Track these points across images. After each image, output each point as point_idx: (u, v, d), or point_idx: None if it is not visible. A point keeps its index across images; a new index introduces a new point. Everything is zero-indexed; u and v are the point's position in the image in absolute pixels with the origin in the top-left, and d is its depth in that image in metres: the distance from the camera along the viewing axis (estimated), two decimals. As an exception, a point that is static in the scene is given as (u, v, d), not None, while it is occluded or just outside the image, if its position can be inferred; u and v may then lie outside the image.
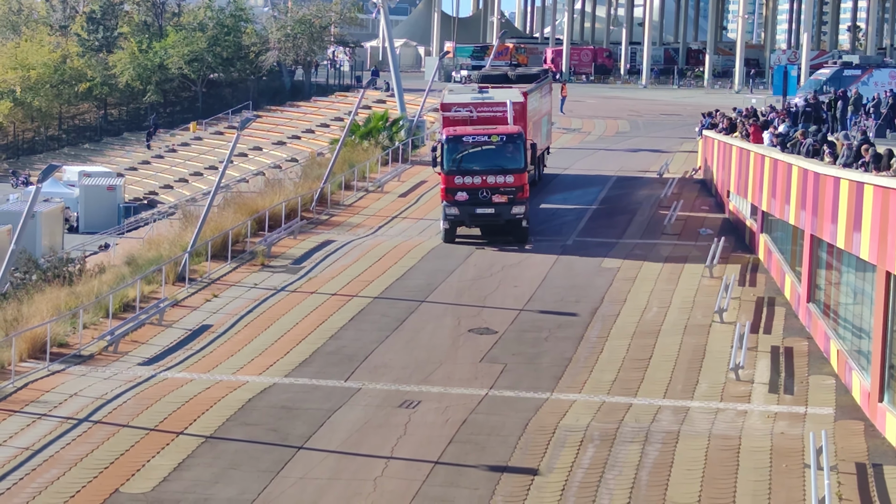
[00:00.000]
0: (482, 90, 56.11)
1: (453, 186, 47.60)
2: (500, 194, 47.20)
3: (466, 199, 47.42)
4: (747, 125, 50.45)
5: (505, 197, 47.22)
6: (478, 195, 47.38)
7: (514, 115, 51.98)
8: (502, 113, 52.03)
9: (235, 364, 35.11)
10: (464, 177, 47.49)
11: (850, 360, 32.84)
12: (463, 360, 35.29)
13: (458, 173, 47.66)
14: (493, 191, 47.21)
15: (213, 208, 49.81)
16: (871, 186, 30.32)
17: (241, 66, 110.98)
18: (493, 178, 47.28)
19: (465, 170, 47.67)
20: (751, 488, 26.28)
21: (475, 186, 47.39)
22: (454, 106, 52.76)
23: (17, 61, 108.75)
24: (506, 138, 48.02)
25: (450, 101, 53.31)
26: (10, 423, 30.34)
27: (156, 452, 28.37)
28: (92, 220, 79.66)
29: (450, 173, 47.81)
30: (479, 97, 53.64)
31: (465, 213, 47.86)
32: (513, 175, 47.44)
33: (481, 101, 53.01)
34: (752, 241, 48.43)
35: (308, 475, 27.10)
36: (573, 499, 25.85)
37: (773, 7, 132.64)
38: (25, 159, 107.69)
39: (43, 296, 41.07)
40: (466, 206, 47.62)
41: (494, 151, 47.89)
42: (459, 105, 52.51)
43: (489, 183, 47.25)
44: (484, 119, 51.65)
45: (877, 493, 25.97)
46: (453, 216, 48.06)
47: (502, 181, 47.24)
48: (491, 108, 52.59)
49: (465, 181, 47.41)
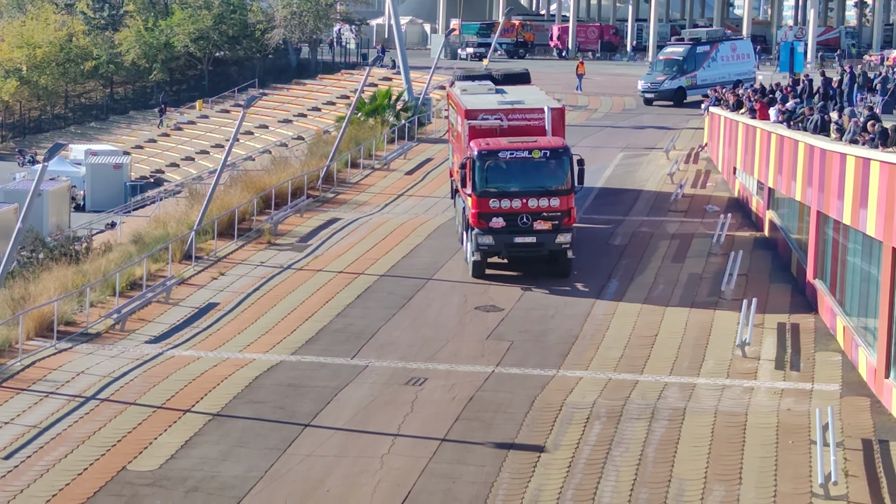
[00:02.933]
0: (499, 89, 48.63)
1: (487, 211, 39.58)
2: (542, 220, 39.41)
3: (503, 226, 39.47)
4: (754, 101, 50.38)
5: (549, 223, 39.44)
6: (516, 221, 39.52)
7: (551, 123, 42.87)
8: (538, 121, 43.01)
9: (242, 342, 35.15)
10: (500, 200, 39.60)
11: (856, 336, 32.85)
12: (469, 338, 35.32)
13: (493, 195, 39.70)
14: (535, 216, 39.38)
15: (220, 186, 49.82)
16: (877, 162, 30.29)
17: (246, 44, 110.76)
18: (535, 201, 39.49)
19: (502, 191, 39.75)
20: (757, 465, 26.32)
21: (513, 211, 39.50)
22: (481, 113, 43.27)
23: (22, 40, 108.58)
24: (550, 153, 39.93)
25: (476, 107, 43.89)
26: (18, 401, 30.41)
27: (163, 430, 28.44)
28: (98, 198, 79.60)
29: (483, 195, 39.74)
30: (509, 103, 44.71)
31: (500, 243, 39.79)
32: (558, 197, 39.62)
33: (512, 108, 43.86)
34: (759, 218, 48.38)
35: (315, 453, 27.16)
36: (580, 476, 25.90)
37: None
38: (31, 138, 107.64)
39: (50, 274, 41.10)
40: (502, 235, 39.60)
41: (536, 169, 39.80)
42: (488, 112, 43.28)
43: (530, 207, 39.42)
44: (517, 129, 42.68)
45: (883, 468, 26.01)
46: (486, 246, 39.87)
47: (546, 204, 39.47)
48: (524, 115, 43.47)
49: (502, 205, 39.54)
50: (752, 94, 53.24)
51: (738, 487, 25.22)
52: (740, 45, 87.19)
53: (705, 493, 24.97)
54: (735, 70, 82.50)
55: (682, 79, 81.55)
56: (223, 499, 24.87)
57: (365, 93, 72.31)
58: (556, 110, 43.63)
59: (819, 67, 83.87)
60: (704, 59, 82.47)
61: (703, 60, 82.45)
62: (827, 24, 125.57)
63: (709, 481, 25.55)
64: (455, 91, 48.89)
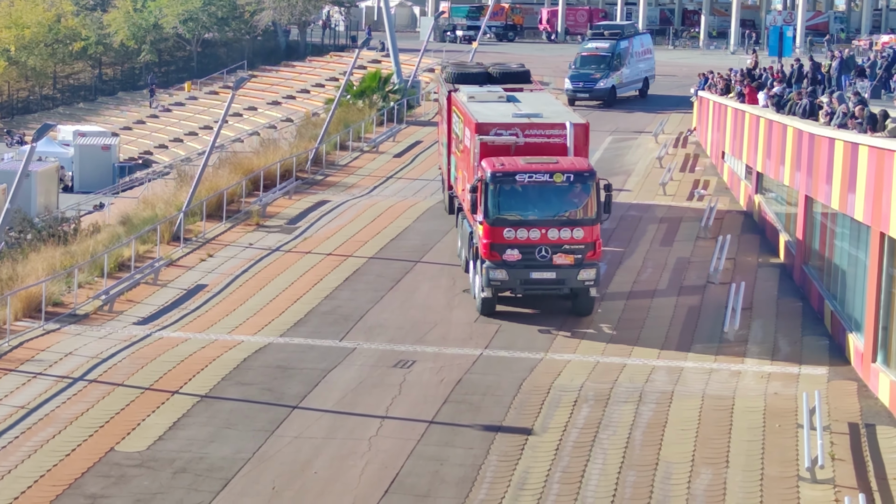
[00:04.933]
0: (510, 96, 42.81)
1: (501, 242, 34.03)
2: (563, 253, 33.91)
3: (518, 260, 34.03)
4: (743, 85, 50.38)
5: (570, 257, 33.97)
6: (534, 254, 34.04)
7: (574, 141, 36.87)
8: (559, 139, 36.88)
9: (231, 324, 35.13)
10: (515, 229, 34.03)
11: (843, 320, 32.91)
12: (458, 321, 35.33)
13: (508, 224, 34.10)
14: (555, 248, 33.89)
15: (208, 168, 49.72)
16: (865, 147, 30.32)
17: (235, 25, 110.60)
18: (556, 232, 33.98)
19: (518, 220, 34.19)
20: (744, 448, 26.38)
21: (531, 242, 34.03)
22: (494, 128, 37.22)
23: (11, 20, 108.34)
24: (574, 177, 34.22)
25: (488, 121, 37.87)
26: (6, 381, 30.37)
27: (151, 411, 28.42)
28: (87, 179, 79.45)
29: (496, 223, 34.08)
30: (526, 116, 38.66)
31: (515, 279, 34.29)
32: (582, 228, 34.07)
33: (529, 122, 37.89)
34: (747, 202, 48.41)
35: (303, 434, 27.16)
36: (567, 458, 25.93)
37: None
38: (20, 118, 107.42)
39: (38, 255, 41.02)
40: (518, 269, 34.12)
41: (557, 195, 34.31)
42: (502, 126, 37.29)
43: (550, 238, 33.95)
44: (534, 147, 36.64)
45: (869, 452, 26.08)
46: (499, 282, 34.38)
47: (568, 236, 33.94)
48: (543, 130, 37.30)
49: (518, 235, 34.03)
50: (741, 78, 53.25)
51: (725, 471, 25.27)
52: (645, 40, 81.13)
53: (692, 477, 25.02)
54: (645, 66, 78.63)
55: (613, 77, 74.07)
56: (211, 480, 24.86)
57: (354, 75, 72.19)
58: (579, 126, 37.34)
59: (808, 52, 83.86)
60: (626, 55, 75.81)
61: (625, 56, 75.72)
62: (816, 8, 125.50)
63: (696, 464, 25.60)
64: (461, 98, 42.51)
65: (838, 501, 23.51)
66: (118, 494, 24.30)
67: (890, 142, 28.78)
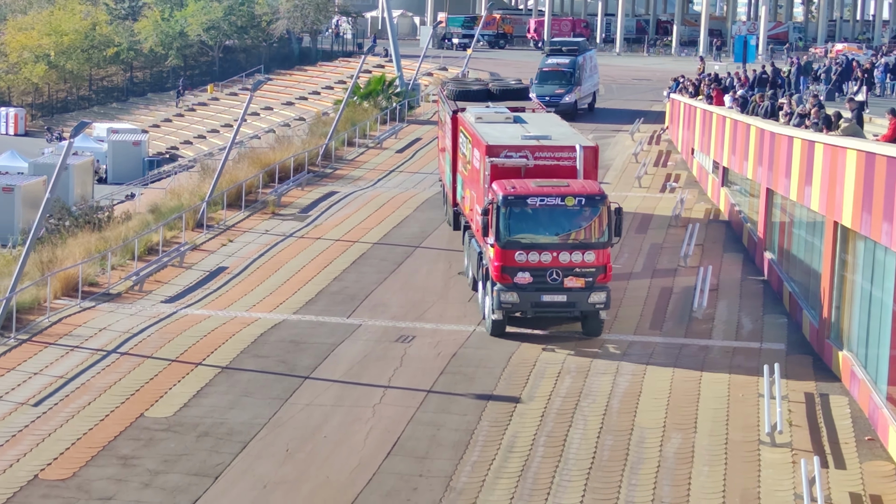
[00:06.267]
0: (517, 118, 39.23)
1: (512, 264, 30.96)
2: (574, 276, 30.95)
3: (529, 282, 30.97)
4: (710, 89, 50.33)
5: (581, 280, 30.97)
6: (545, 277, 31.00)
7: (583, 164, 33.61)
8: (569, 161, 33.56)
9: (248, 302, 35.11)
10: (527, 252, 30.93)
11: (800, 300, 32.92)
12: (453, 300, 35.31)
13: (520, 247, 30.96)
14: (566, 271, 30.91)
15: (229, 162, 49.68)
16: (821, 145, 30.29)
17: (253, 33, 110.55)
18: (567, 255, 30.93)
19: (529, 243, 31.03)
20: (710, 415, 26.39)
21: (542, 266, 30.97)
22: (505, 150, 33.71)
23: (51, 28, 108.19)
24: (585, 200, 31.04)
25: (498, 143, 34.25)
26: (46, 354, 30.37)
27: (177, 381, 28.42)
28: (119, 172, 79.39)
29: (507, 246, 30.95)
30: (535, 138, 35.07)
31: (526, 301, 31.23)
32: (593, 251, 30.97)
33: (539, 144, 34.33)
34: (714, 194, 48.39)
35: (314, 402, 27.17)
36: (551, 424, 25.94)
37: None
38: (59, 117, 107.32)
39: (75, 240, 41.03)
40: (529, 292, 31.05)
41: (569, 218, 31.09)
42: (512, 149, 33.79)
43: (561, 261, 30.89)
44: (544, 169, 33.32)
45: (823, 419, 26.10)
46: (510, 304, 31.23)
47: (579, 259, 30.93)
48: (553, 153, 33.91)
49: (529, 258, 30.97)
50: (708, 82, 53.19)
51: (693, 435, 25.29)
52: (593, 56, 75.70)
53: (664, 441, 25.03)
54: (594, 81, 73.95)
55: (575, 91, 68.28)
56: (231, 443, 24.87)
57: (360, 78, 72.04)
58: (588, 149, 34.07)
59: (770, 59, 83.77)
60: (582, 70, 69.92)
61: (583, 71, 69.95)
62: (777, 19, 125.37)
63: (667, 430, 25.61)
64: (468, 118, 38.79)
65: (795, 463, 23.53)
66: (147, 455, 24.31)
67: (843, 140, 28.75)
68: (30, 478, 23.32)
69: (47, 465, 23.88)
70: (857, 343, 27.82)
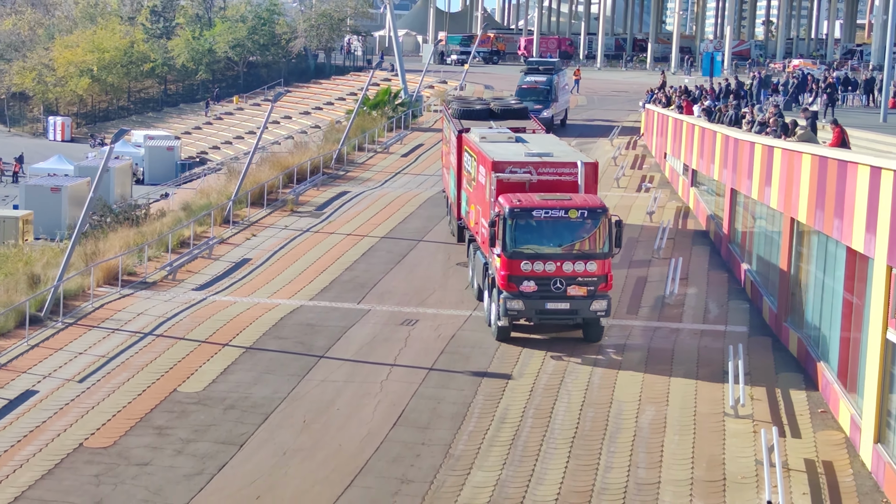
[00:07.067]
0: (518, 137, 37.39)
1: (518, 274, 29.36)
2: (577, 285, 29.34)
3: (534, 291, 29.33)
4: (681, 100, 50.31)
5: (584, 289, 29.34)
6: (549, 286, 29.36)
7: (584, 179, 31.95)
8: (570, 176, 31.94)
9: (270, 290, 35.10)
10: (532, 262, 29.30)
11: (761, 288, 32.92)
12: (452, 288, 35.30)
13: (525, 257, 29.33)
14: (570, 280, 29.32)
15: (252, 165, 49.65)
16: (779, 150, 30.29)
17: (274, 50, 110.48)
18: (570, 265, 29.36)
19: (534, 253, 29.40)
20: (680, 390, 26.39)
21: (546, 275, 29.35)
22: (509, 166, 32.07)
23: (94, 46, 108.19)
24: (587, 213, 29.58)
25: (503, 159, 32.48)
26: (90, 336, 30.37)
27: (206, 360, 28.42)
28: (155, 173, 79.46)
29: (513, 256, 29.37)
30: (537, 155, 33.33)
31: (531, 309, 29.57)
32: (595, 261, 29.37)
33: (542, 161, 32.66)
34: (684, 193, 48.39)
35: (328, 378, 27.17)
36: (539, 398, 25.94)
37: (702, 5, 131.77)
38: (101, 125, 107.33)
39: (115, 234, 41.03)
40: (533, 300, 29.43)
41: (572, 229, 29.53)
42: (516, 165, 32.12)
43: (565, 271, 29.32)
44: (546, 184, 31.76)
45: (780, 393, 26.12)
46: (516, 312, 29.64)
47: (581, 269, 29.35)
48: (555, 169, 32.22)
49: (534, 268, 29.34)
50: (678, 94, 53.16)
51: (665, 408, 25.28)
52: (565, 75, 73.36)
53: (639, 413, 25.03)
54: (566, 98, 71.46)
55: (552, 107, 65.24)
56: (254, 415, 24.87)
57: (369, 90, 72.01)
58: (589, 165, 32.36)
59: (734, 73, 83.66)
60: (557, 87, 67.45)
61: (558, 89, 67.43)
62: (740, 37, 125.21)
63: (642, 403, 25.61)
64: (473, 138, 37.12)
65: (756, 433, 23.54)
66: (180, 426, 24.32)
67: (798, 145, 28.75)
68: (75, 445, 23.34)
69: (91, 434, 23.90)
70: (811, 326, 27.83)
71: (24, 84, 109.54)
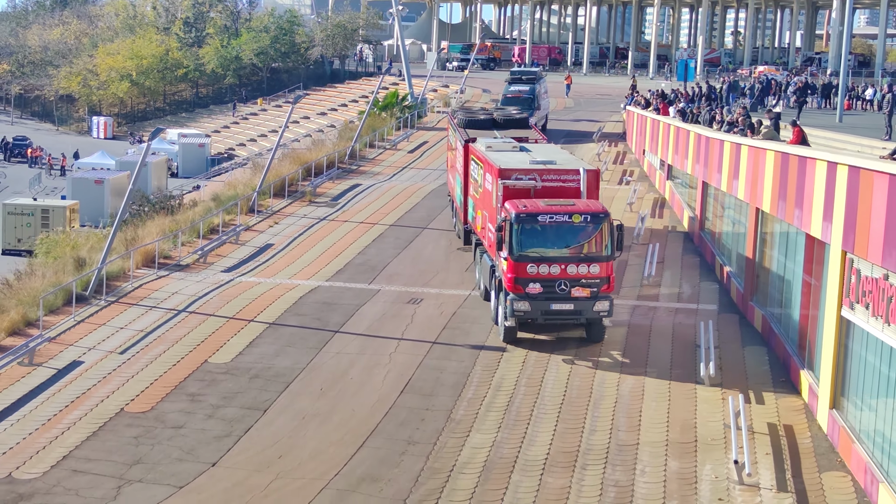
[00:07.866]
0: (522, 147, 35.10)
1: (524, 276, 27.57)
2: (581, 287, 27.55)
3: (540, 292, 27.50)
4: (658, 102, 50.18)
5: (587, 290, 27.54)
6: (554, 287, 27.53)
7: (587, 186, 29.90)
8: (573, 183, 29.92)
9: (291, 272, 35.10)
10: (538, 265, 27.54)
11: (729, 270, 32.90)
12: (453, 270, 35.28)
13: (531, 260, 27.55)
14: (574, 282, 27.50)
15: (275, 160, 49.60)
16: (746, 147, 30.23)
17: (294, 57, 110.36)
18: (574, 268, 27.53)
19: (540, 256, 27.59)
20: (658, 359, 26.40)
21: (551, 277, 27.52)
22: (515, 173, 30.00)
23: (133, 53, 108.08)
24: (590, 218, 27.74)
25: (509, 167, 30.45)
26: (130, 312, 30.39)
27: (233, 334, 28.43)
28: (187, 168, 79.44)
29: (520, 259, 27.59)
30: (541, 163, 31.13)
31: (537, 310, 27.66)
32: (598, 264, 27.55)
33: (546, 168, 30.46)
34: (661, 186, 48.32)
35: (342, 351, 27.19)
36: (531, 368, 25.96)
37: (677, 17, 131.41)
38: (139, 124, 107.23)
39: (152, 222, 41.01)
40: (539, 301, 27.58)
41: (575, 233, 27.70)
42: (521, 172, 30.12)
43: (569, 273, 27.48)
44: (550, 190, 29.79)
45: (746, 364, 26.13)
46: (523, 313, 27.70)
47: (585, 271, 27.54)
48: (559, 176, 30.23)
49: (540, 270, 27.55)
50: (656, 97, 53.03)
51: (643, 378, 25.30)
52: (546, 84, 68.75)
53: (620, 381, 25.05)
54: (547, 105, 67.44)
55: (535, 115, 60.53)
56: (277, 383, 24.91)
57: (379, 93, 71.87)
58: (591, 172, 30.31)
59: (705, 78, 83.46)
60: (539, 95, 64.25)
61: (540, 97, 64.24)
62: (711, 46, 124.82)
63: (623, 372, 25.63)
64: (479, 147, 35.09)
65: (724, 399, 23.55)
66: (210, 393, 24.35)
67: (763, 143, 28.69)
68: (117, 410, 23.38)
69: (131, 400, 23.93)
70: (773, 304, 27.81)
71: (70, 87, 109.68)
